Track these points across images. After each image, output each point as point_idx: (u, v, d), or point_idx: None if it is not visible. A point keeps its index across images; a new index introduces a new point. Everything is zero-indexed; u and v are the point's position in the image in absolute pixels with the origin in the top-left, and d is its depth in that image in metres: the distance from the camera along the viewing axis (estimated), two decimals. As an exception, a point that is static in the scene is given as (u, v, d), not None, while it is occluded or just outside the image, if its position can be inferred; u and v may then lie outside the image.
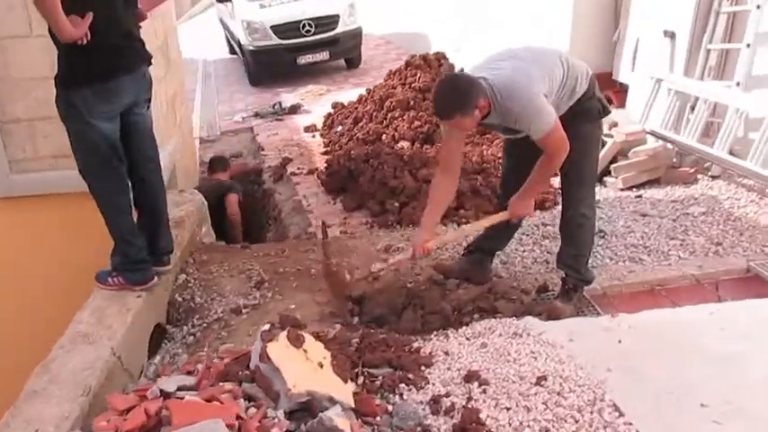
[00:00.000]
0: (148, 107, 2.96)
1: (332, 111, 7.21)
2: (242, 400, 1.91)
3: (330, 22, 9.78)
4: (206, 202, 4.10)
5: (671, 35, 5.06)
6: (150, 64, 2.92)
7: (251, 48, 9.78)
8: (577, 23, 5.91)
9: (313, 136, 7.21)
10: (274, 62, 9.88)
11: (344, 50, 10.18)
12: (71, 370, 2.42)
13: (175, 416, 1.69)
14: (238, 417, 1.80)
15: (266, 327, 2.18)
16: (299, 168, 6.21)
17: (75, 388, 2.31)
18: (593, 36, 5.93)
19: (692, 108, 4.78)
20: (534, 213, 2.99)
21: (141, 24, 2.88)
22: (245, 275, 3.45)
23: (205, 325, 3.07)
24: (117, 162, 2.73)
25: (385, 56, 11.44)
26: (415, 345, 2.64)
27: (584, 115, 2.89)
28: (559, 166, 2.83)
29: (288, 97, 9.26)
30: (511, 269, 3.53)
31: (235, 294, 3.26)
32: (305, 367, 2.11)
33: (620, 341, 2.55)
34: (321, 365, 2.16)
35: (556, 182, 3.67)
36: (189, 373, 2.28)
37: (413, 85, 5.81)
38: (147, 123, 2.92)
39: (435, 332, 2.80)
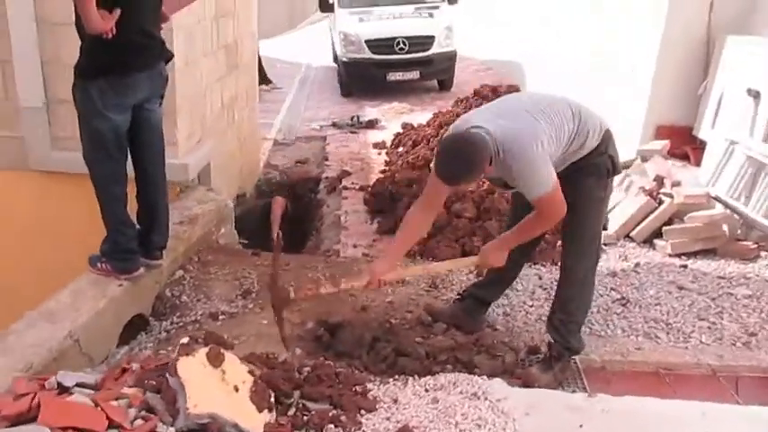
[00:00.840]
0: (160, 104, 3.02)
1: (401, 130, 7.15)
2: (132, 409, 1.87)
3: (425, 42, 9.78)
4: (230, 204, 4.14)
5: (755, 94, 4.61)
6: (168, 61, 2.99)
7: (344, 59, 9.94)
8: (662, 67, 5.51)
9: (379, 153, 7.20)
10: (365, 76, 10.00)
11: (436, 72, 10.14)
12: (23, 344, 2.49)
13: (43, 412, 1.67)
14: (115, 426, 1.75)
15: (185, 340, 2.14)
16: (353, 183, 6.20)
17: (17, 363, 2.37)
18: (677, 84, 5.50)
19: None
20: (503, 264, 2.79)
21: (162, 26, 2.95)
22: (238, 282, 3.44)
23: (181, 324, 3.08)
24: (118, 153, 2.82)
25: (480, 81, 11.27)
26: (369, 386, 2.51)
27: (589, 171, 2.67)
28: (546, 229, 2.64)
29: (370, 111, 9.32)
30: (510, 323, 3.30)
31: (220, 299, 3.25)
32: (216, 388, 2.04)
33: (581, 426, 2.30)
34: (237, 389, 2.09)
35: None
36: (123, 371, 2.28)
37: (475, 115, 5.64)
38: (158, 119, 2.99)
39: (398, 376, 2.66)
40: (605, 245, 4.33)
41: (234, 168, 5.46)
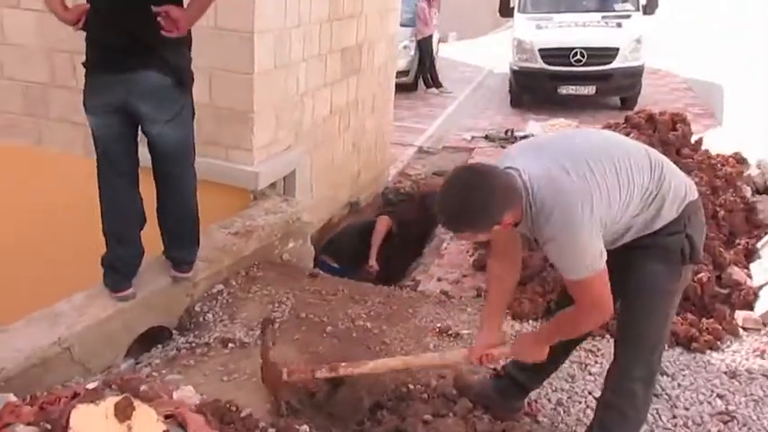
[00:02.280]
0: (169, 123, 2.66)
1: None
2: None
3: (606, 54, 8.85)
4: (304, 218, 3.92)
5: None
6: (180, 81, 2.65)
7: (515, 67, 9.38)
8: None
9: (520, 174, 6.58)
10: (535, 87, 9.37)
11: (616, 88, 9.14)
12: (9, 346, 2.47)
13: None
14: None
15: (92, 384, 1.92)
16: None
17: (-8, 365, 2.34)
18: None
19: None
20: (543, 359, 2.16)
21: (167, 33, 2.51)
22: (271, 306, 3.20)
23: (193, 345, 2.91)
24: (106, 160, 2.68)
25: (673, 103, 9.95)
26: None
27: (657, 253, 2.01)
28: (589, 329, 2.01)
29: (533, 126, 8.63)
30: (560, 416, 2.67)
31: (242, 324, 3.04)
32: (111, 447, 1.80)
33: None
34: (139, 451, 1.83)
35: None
36: (51, 402, 2.14)
37: (617, 146, 4.83)
38: (166, 143, 2.70)
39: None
40: (743, 329, 3.43)
41: (344, 176, 5.27)
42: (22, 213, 4.28)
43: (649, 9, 9.46)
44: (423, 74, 11.08)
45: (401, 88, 10.45)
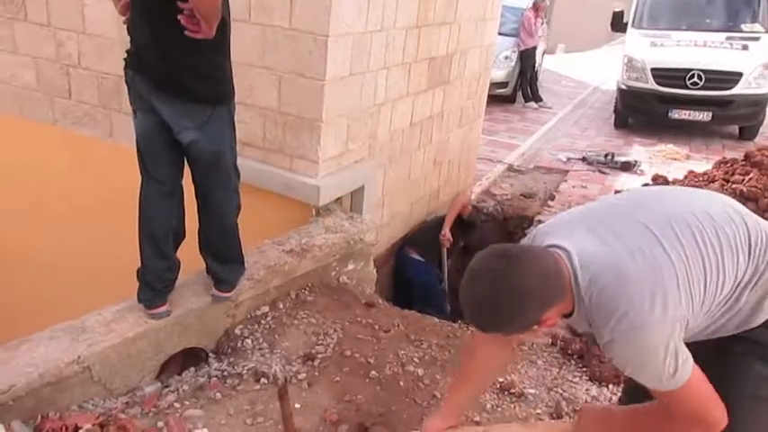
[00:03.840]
0: (195, 131, 2.39)
1: (650, 182, 5.84)
2: None
3: (727, 79, 8.04)
4: (367, 239, 3.61)
5: None
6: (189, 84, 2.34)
7: (623, 86, 8.73)
8: None
9: (617, 204, 6.00)
10: (643, 109, 8.67)
11: (736, 117, 8.31)
12: (26, 360, 2.29)
13: None
14: None
15: (88, 425, 1.67)
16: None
17: (4, 380, 2.16)
18: None
19: None
20: None
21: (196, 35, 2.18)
22: (315, 338, 2.91)
23: (225, 374, 2.66)
24: (144, 170, 2.46)
25: (801, 137, 8.94)
26: None
27: (757, 351, 1.53)
28: None
29: (637, 150, 8.02)
30: None
31: (281, 355, 2.76)
32: None
33: None
34: None
35: None
36: (56, 430, 1.93)
37: (734, 186, 4.22)
38: (199, 152, 2.43)
39: None
40: None
41: (422, 192, 4.92)
42: (88, 206, 4.23)
43: (782, 31, 8.51)
44: (522, 86, 10.55)
45: (498, 100, 10.02)
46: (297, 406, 2.44)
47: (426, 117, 4.60)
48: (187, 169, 2.56)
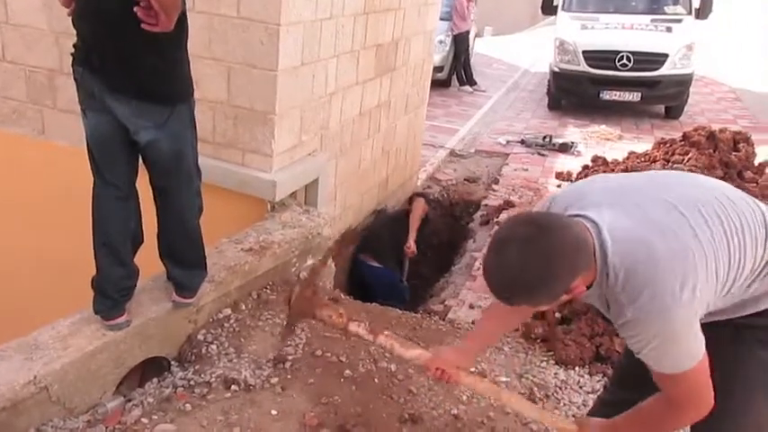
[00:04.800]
0: (153, 131, 2.24)
1: (590, 164, 5.99)
2: None
3: (654, 60, 8.33)
4: (324, 232, 3.53)
5: None
6: (169, 94, 2.23)
7: (555, 69, 8.90)
8: None
9: (559, 185, 6.15)
10: (576, 90, 8.86)
11: (663, 96, 8.61)
12: (-25, 384, 2.11)
13: None
14: None
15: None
16: (512, 219, 5.26)
17: (-51, 409, 1.99)
18: None
19: None
20: None
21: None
22: (283, 339, 2.82)
23: (192, 383, 2.54)
24: (96, 173, 2.29)
25: (720, 114, 9.40)
26: None
27: (765, 336, 1.56)
28: (684, 426, 1.56)
29: (572, 132, 8.20)
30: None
31: (249, 359, 2.65)
32: None
33: None
34: None
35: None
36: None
37: (675, 166, 4.37)
38: (157, 154, 2.28)
39: None
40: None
41: (371, 182, 4.86)
42: (19, 209, 3.95)
43: (702, 13, 8.87)
44: (457, 70, 10.61)
45: (434, 84, 9.97)
46: (273, 412, 2.36)
47: (374, 105, 4.53)
48: (143, 171, 2.40)
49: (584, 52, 8.52)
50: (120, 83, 2.12)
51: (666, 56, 8.26)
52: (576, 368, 3.04)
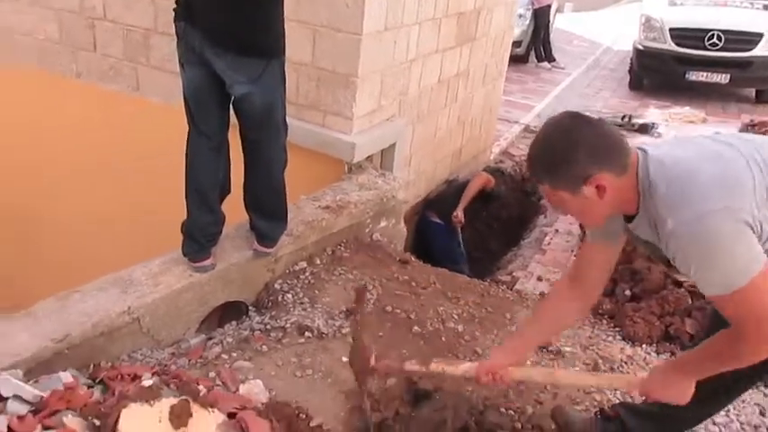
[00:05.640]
0: (247, 85, 2.36)
1: (671, 145, 5.80)
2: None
3: (747, 40, 7.91)
4: (399, 196, 3.60)
5: None
6: (255, 50, 2.33)
7: (639, 46, 8.59)
8: None
9: (636, 166, 5.99)
10: (660, 69, 8.53)
11: (754, 79, 8.21)
12: (78, 309, 2.31)
13: None
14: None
15: (149, 381, 1.70)
16: (586, 196, 5.20)
17: (56, 329, 2.19)
18: None
19: None
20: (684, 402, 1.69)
21: None
22: (354, 294, 2.92)
23: (268, 327, 2.68)
24: (191, 123, 2.43)
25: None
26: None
27: None
28: (754, 361, 1.49)
29: (652, 113, 7.92)
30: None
31: (322, 310, 2.78)
32: (163, 456, 1.58)
33: None
34: (192, 463, 1.60)
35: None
36: (112, 378, 1.96)
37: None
38: (250, 107, 2.41)
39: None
40: None
41: (445, 151, 4.90)
42: (115, 162, 4.21)
43: (805, -9, 8.36)
44: (536, 46, 10.40)
45: (511, 60, 9.83)
46: (344, 359, 2.48)
47: (453, 74, 4.55)
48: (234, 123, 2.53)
49: (671, 30, 8.19)
50: (220, 36, 2.24)
51: (761, 35, 7.83)
52: (644, 345, 3.02)
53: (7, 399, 1.61)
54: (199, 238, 2.58)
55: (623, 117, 7.31)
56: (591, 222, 1.68)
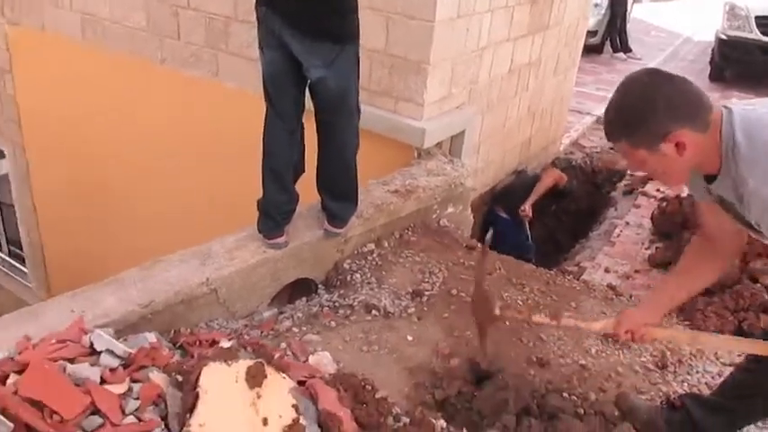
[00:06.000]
0: (322, 69, 2.45)
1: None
2: (135, 400, 1.63)
3: (842, 29, 7.45)
4: (467, 183, 3.63)
5: None
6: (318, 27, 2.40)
7: (722, 36, 8.27)
8: None
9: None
10: (743, 60, 8.16)
11: None
12: (161, 278, 2.47)
13: (25, 375, 1.53)
14: (101, 414, 1.55)
15: (227, 343, 1.80)
16: (658, 190, 5.10)
17: (143, 296, 2.35)
18: None
19: None
20: None
21: None
22: (421, 276, 2.98)
23: (337, 305, 2.78)
24: (269, 106, 2.53)
25: None
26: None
27: None
28: None
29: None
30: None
31: (389, 291, 2.85)
32: (239, 413, 1.68)
33: None
34: (266, 422, 1.70)
35: None
36: (191, 343, 2.09)
37: None
38: (326, 89, 2.49)
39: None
40: None
41: (514, 141, 4.88)
42: (194, 143, 4.41)
43: None
44: (611, 36, 10.12)
45: (586, 50, 9.63)
46: (409, 338, 2.55)
47: (524, 63, 4.52)
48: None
49: (757, 18, 7.83)
50: (297, 20, 2.33)
51: None
52: (715, 339, 2.95)
53: (100, 352, 1.76)
54: (274, 215, 2.69)
55: (702, 110, 7.05)
56: (671, 182, 1.66)
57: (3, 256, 7.09)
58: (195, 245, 2.74)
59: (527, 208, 4.77)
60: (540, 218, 5.12)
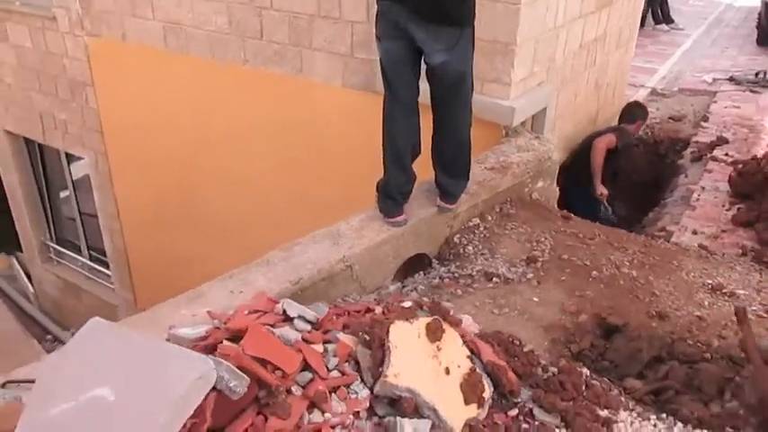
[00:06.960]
0: (445, 52, 2.62)
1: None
2: (334, 358, 1.84)
3: None
4: (554, 157, 3.78)
5: None
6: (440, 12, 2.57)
7: (770, -1, 8.18)
8: None
9: (780, 122, 5.86)
10: (793, 23, 8.09)
11: None
12: (302, 259, 2.68)
13: (246, 339, 1.74)
14: (311, 370, 1.75)
15: (408, 303, 2.00)
16: (727, 155, 5.21)
17: (290, 274, 2.56)
18: None
19: None
20: None
21: None
22: (529, 245, 3.15)
23: (456, 275, 2.97)
24: (388, 92, 2.72)
25: None
26: (621, 414, 2.07)
27: None
28: None
29: (788, 69, 7.58)
30: None
31: (503, 259, 3.03)
32: (425, 364, 1.89)
33: None
34: (448, 372, 1.90)
35: None
36: (357, 311, 2.29)
37: None
38: (444, 72, 2.66)
39: (666, 417, 2.12)
40: None
41: (583, 115, 5.01)
42: (281, 137, 4.63)
43: None
44: (653, 8, 10.11)
45: (628, 24, 9.67)
46: (535, 300, 2.72)
47: (592, 39, 4.64)
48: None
49: (806, -20, 7.79)
50: (423, 8, 2.51)
51: None
52: None
53: (292, 319, 1.97)
54: (395, 195, 2.89)
55: (757, 74, 7.10)
56: None
57: (84, 260, 7.43)
58: (281, 244, 2.92)
59: (600, 189, 4.84)
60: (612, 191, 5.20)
